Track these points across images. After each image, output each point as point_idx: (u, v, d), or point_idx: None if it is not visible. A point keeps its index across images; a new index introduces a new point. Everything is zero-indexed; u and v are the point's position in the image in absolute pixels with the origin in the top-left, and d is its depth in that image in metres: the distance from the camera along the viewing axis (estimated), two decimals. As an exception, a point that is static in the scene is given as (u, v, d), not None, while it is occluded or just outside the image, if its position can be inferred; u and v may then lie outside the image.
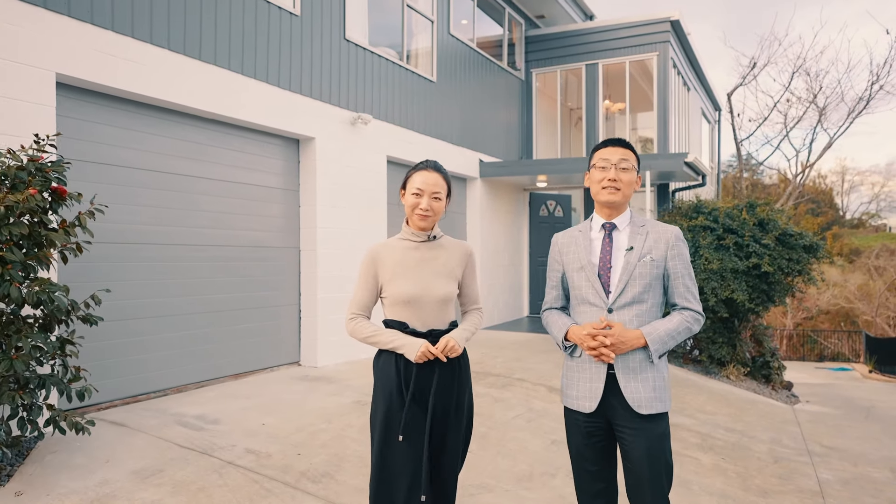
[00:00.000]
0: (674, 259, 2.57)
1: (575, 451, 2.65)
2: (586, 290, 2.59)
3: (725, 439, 5.96)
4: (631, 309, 2.52)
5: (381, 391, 2.71)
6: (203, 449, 4.45)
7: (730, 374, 9.06)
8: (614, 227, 2.62)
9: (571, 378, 2.64)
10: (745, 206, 9.08)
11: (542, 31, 12.63)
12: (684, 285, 2.59)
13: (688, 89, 13.92)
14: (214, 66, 5.97)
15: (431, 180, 2.74)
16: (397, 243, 2.81)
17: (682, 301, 2.59)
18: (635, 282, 2.53)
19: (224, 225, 6.35)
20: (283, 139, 7.08)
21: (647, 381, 2.48)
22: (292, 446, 4.64)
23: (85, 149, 5.12)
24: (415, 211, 2.73)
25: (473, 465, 4.59)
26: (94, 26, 4.94)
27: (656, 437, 2.48)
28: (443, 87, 9.83)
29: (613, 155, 2.57)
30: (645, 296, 2.52)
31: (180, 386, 5.88)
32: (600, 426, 2.57)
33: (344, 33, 7.61)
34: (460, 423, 2.79)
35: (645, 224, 2.63)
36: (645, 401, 2.46)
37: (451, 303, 2.81)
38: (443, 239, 2.87)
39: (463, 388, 2.79)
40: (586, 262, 2.60)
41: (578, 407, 2.58)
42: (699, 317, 2.57)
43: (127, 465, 4.09)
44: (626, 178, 2.57)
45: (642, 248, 2.55)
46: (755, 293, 8.60)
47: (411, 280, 2.72)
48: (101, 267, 5.24)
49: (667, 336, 2.48)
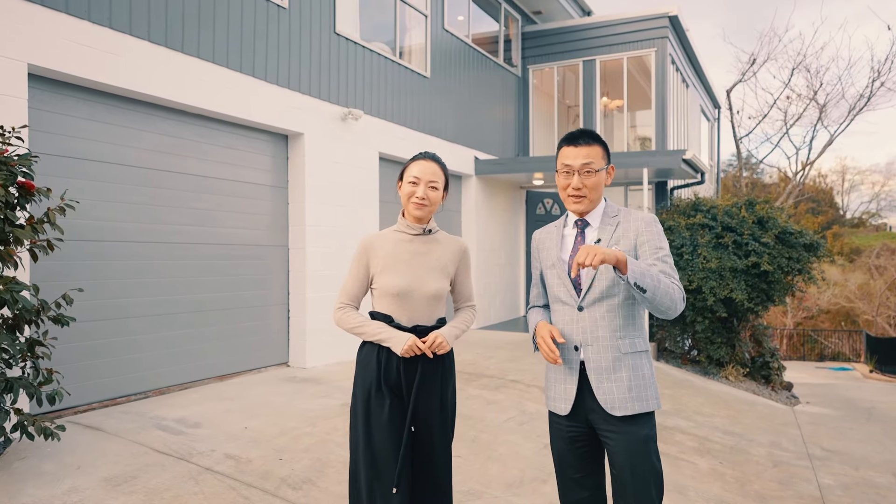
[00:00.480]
0: (643, 246, 2.37)
1: (557, 457, 2.52)
2: (558, 288, 2.48)
3: (723, 442, 5.80)
4: (601, 304, 2.37)
5: (361, 383, 2.64)
6: (181, 454, 4.29)
7: (729, 375, 8.91)
8: (587, 224, 2.49)
9: (549, 378, 2.54)
10: (745, 204, 8.92)
11: (539, 26, 12.46)
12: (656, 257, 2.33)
13: (686, 86, 13.76)
14: (199, 60, 5.80)
15: (429, 169, 2.68)
16: (391, 235, 2.74)
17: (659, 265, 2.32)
18: (602, 275, 2.37)
19: (209, 222, 6.18)
20: (272, 135, 6.91)
21: (621, 380, 2.33)
22: (274, 451, 4.48)
23: (61, 143, 4.95)
24: (410, 200, 2.66)
25: (462, 469, 4.44)
26: (69, 16, 4.77)
27: (639, 440, 2.32)
28: (437, 82, 9.66)
29: (576, 159, 2.40)
30: (615, 289, 2.36)
31: (162, 388, 5.71)
32: (582, 430, 2.43)
33: (334, 27, 7.45)
34: (445, 421, 2.72)
35: (618, 214, 2.48)
36: (619, 402, 2.32)
37: (442, 300, 2.73)
38: (438, 234, 2.80)
39: (446, 385, 2.72)
40: (556, 260, 2.49)
41: (555, 409, 2.48)
42: (683, 293, 2.31)
43: (99, 472, 3.93)
44: (591, 183, 2.41)
45: (610, 239, 2.41)
46: (754, 292, 8.44)
47: (402, 273, 2.65)
48: (78, 265, 5.07)
49: (647, 271, 2.17)
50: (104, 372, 5.27)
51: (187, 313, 5.97)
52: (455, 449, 4.88)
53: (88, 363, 5.15)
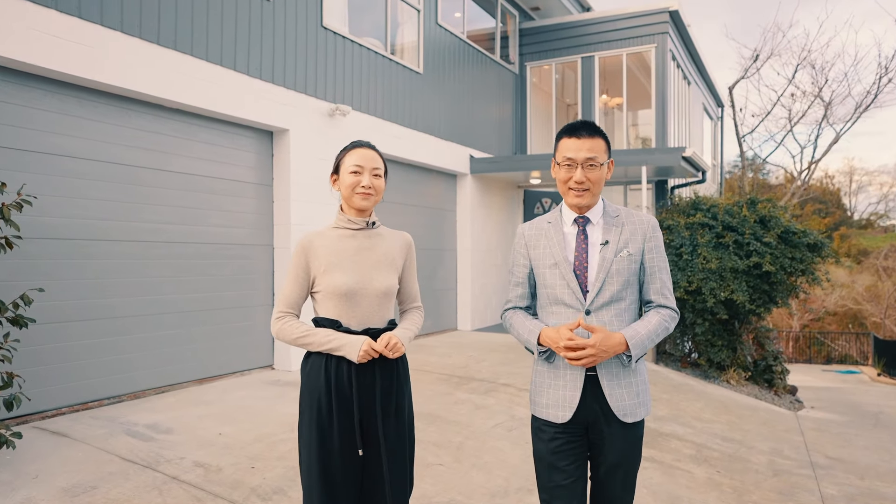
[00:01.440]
0: (651, 252, 2.35)
1: (545, 465, 2.35)
2: (561, 289, 2.32)
3: (722, 450, 5.56)
4: (610, 309, 2.29)
5: (309, 401, 2.39)
6: (147, 462, 4.09)
7: (730, 379, 8.67)
8: (588, 221, 2.36)
9: (542, 384, 2.38)
10: (746, 203, 8.68)
11: (537, 22, 12.24)
12: (661, 280, 2.37)
13: (688, 83, 13.51)
14: (176, 52, 5.61)
15: (369, 156, 2.49)
16: (332, 232, 2.52)
17: (659, 298, 2.36)
18: (613, 279, 2.29)
19: (190, 221, 5.99)
20: (256, 131, 6.72)
21: (630, 386, 2.29)
22: (248, 459, 4.27)
23: (27, 137, 4.76)
24: (355, 190, 2.45)
25: (444, 478, 4.23)
26: (36, 6, 4.58)
27: (634, 440, 2.34)
28: (430, 79, 9.45)
29: (578, 152, 2.29)
30: (623, 293, 2.30)
31: (137, 392, 5.52)
32: (575, 436, 2.32)
33: (321, 20, 7.25)
34: (403, 432, 2.50)
35: (620, 214, 2.38)
36: (630, 408, 2.28)
37: (392, 298, 2.51)
38: (381, 228, 2.60)
39: (403, 392, 2.52)
40: (561, 259, 2.33)
41: (550, 417, 2.32)
42: (675, 315, 2.38)
43: (57, 482, 3.73)
44: (594, 177, 2.30)
45: (618, 241, 2.32)
46: (756, 294, 8.20)
47: (349, 271, 2.43)
48: (47, 264, 4.88)
49: (647, 340, 2.26)
50: (76, 375, 5.07)
51: (166, 314, 5.77)
52: (438, 456, 4.67)
53: (59, 366, 4.96)
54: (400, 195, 8.96)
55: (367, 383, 2.39)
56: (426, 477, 4.29)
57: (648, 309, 2.38)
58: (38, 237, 4.82)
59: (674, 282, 8.40)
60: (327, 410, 2.35)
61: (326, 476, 2.34)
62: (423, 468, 4.43)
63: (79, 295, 5.09)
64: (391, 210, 8.74)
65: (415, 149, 8.93)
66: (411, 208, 9.27)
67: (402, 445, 2.48)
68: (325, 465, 2.34)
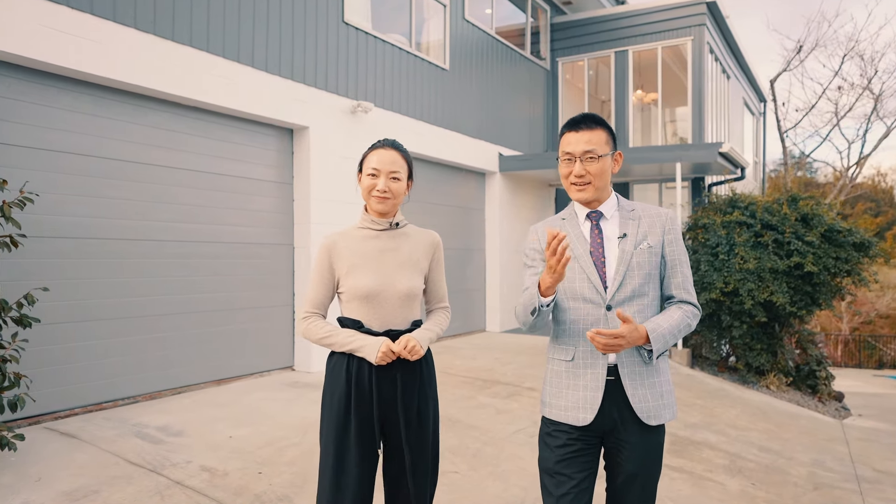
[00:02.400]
0: (671, 244, 2.27)
1: (554, 472, 2.22)
2: (580, 283, 2.23)
3: (758, 461, 5.24)
4: (632, 304, 2.20)
5: (329, 400, 2.40)
6: (153, 466, 4.00)
7: (770, 384, 8.26)
8: (601, 216, 2.29)
9: (559, 384, 2.26)
10: (787, 200, 8.26)
11: (569, 17, 11.96)
12: (682, 275, 2.28)
13: (727, 77, 13.04)
14: (191, 48, 5.55)
15: (388, 158, 2.44)
16: (356, 232, 2.50)
17: (681, 293, 2.27)
18: (634, 272, 2.20)
19: (206, 219, 5.93)
20: (275, 129, 6.63)
21: (654, 386, 2.19)
22: (256, 463, 4.16)
23: (37, 135, 4.73)
24: (371, 193, 2.43)
25: (457, 487, 4.05)
26: (46, 2, 4.55)
27: (656, 447, 2.21)
28: (457, 75, 9.27)
29: (577, 146, 2.23)
30: (646, 288, 2.22)
31: (153, 392, 5.47)
32: (589, 444, 2.21)
33: (342, 16, 7.13)
34: (425, 440, 2.42)
35: (635, 208, 2.32)
36: (654, 409, 2.17)
37: (416, 300, 2.47)
38: (407, 227, 2.56)
39: (426, 397, 2.45)
40: (581, 253, 2.25)
41: (569, 419, 2.21)
42: (697, 312, 2.28)
43: (60, 485, 3.66)
44: (594, 170, 2.23)
45: (637, 234, 2.25)
46: (797, 295, 7.79)
47: (371, 273, 2.41)
48: (60, 263, 4.85)
49: (669, 335, 2.15)
50: (91, 375, 5.04)
51: (183, 314, 5.72)
52: (454, 463, 4.48)
53: (74, 366, 4.93)
54: (425, 194, 8.80)
55: (387, 386, 2.36)
56: (439, 485, 4.09)
57: (670, 304, 2.29)
58: (52, 236, 4.80)
59: (709, 282, 8.05)
60: (345, 410, 2.35)
61: (339, 477, 2.31)
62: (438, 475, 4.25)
63: (94, 294, 5.06)
64: (416, 209, 8.59)
65: (441, 146, 8.76)
66: (437, 207, 9.10)
67: (422, 454, 2.41)
68: (339, 465, 2.32)
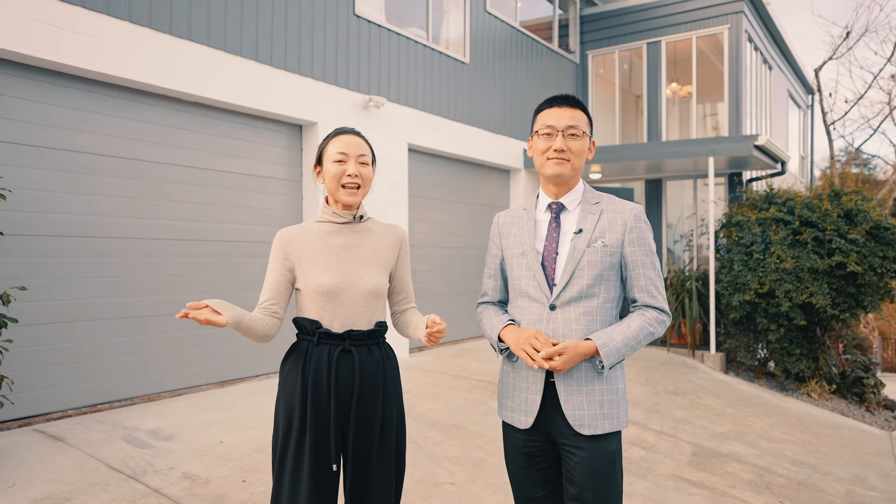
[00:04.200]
0: (632, 244, 2.11)
1: (515, 476, 2.22)
2: (526, 280, 2.15)
3: (790, 476, 4.83)
4: (578, 305, 2.07)
5: (283, 410, 2.21)
6: (134, 472, 3.85)
7: (811, 392, 7.74)
8: (562, 208, 2.18)
9: (507, 385, 2.21)
10: (828, 196, 7.73)
11: (600, 8, 11.54)
12: (646, 277, 2.11)
13: (769, 68, 12.41)
14: (190, 42, 5.41)
15: (355, 142, 2.29)
16: (315, 227, 2.33)
17: (644, 297, 2.11)
18: (583, 272, 2.07)
19: (209, 217, 5.79)
20: (284, 125, 6.47)
21: (592, 394, 2.05)
22: (241, 471, 3.97)
23: (29, 132, 4.64)
24: (341, 181, 2.25)
25: (452, 499, 3.81)
26: (37, -4, 4.46)
27: (606, 457, 2.05)
28: (478, 69, 8.99)
29: (559, 119, 2.13)
30: (595, 289, 2.08)
31: (152, 394, 5.35)
32: (542, 445, 2.14)
33: (353, 8, 6.93)
34: (387, 452, 2.27)
35: (600, 201, 2.18)
36: (589, 419, 2.03)
37: (381, 299, 2.31)
38: (370, 221, 2.41)
39: (391, 404, 2.29)
40: (528, 248, 2.15)
41: (513, 421, 2.16)
42: (664, 317, 2.11)
43: (32, 492, 3.53)
44: (575, 147, 2.12)
45: (593, 230, 2.11)
46: (840, 297, 7.26)
47: (332, 268, 2.24)
48: (55, 262, 4.77)
49: (624, 346, 2.02)
50: (85, 376, 4.94)
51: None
52: (452, 473, 4.22)
53: (67, 367, 4.84)
54: (443, 191, 8.54)
55: (345, 394, 2.19)
56: (432, 497, 3.86)
57: (634, 310, 2.15)
58: (48, 234, 4.72)
59: (743, 283, 7.58)
60: (300, 423, 2.16)
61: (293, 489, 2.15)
62: (432, 487, 4.00)
63: (91, 294, 4.96)
64: (433, 207, 8.34)
65: (461, 142, 8.49)
66: (457, 205, 8.83)
67: (382, 468, 2.25)
68: (293, 478, 2.15)
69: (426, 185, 8.23)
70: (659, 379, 7.30)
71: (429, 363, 7.43)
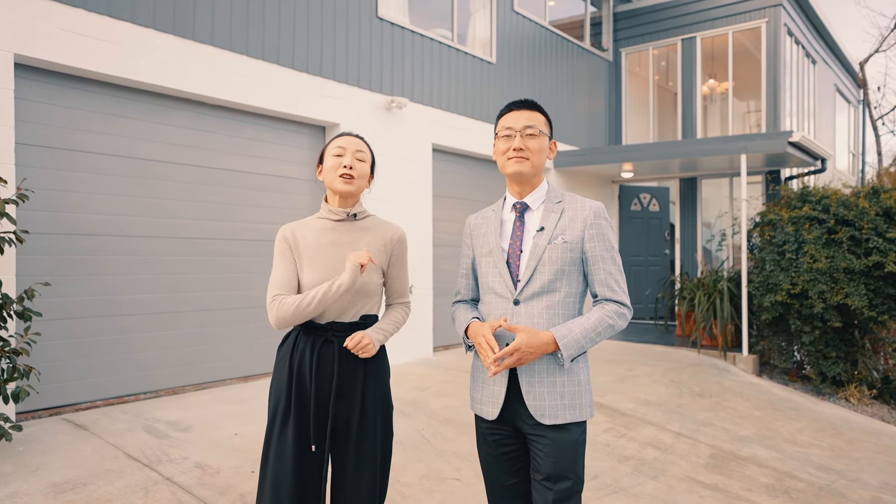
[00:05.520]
0: (592, 240, 2.19)
1: (486, 465, 2.33)
2: (493, 277, 2.26)
3: (812, 481, 4.69)
4: (541, 300, 2.16)
5: (274, 388, 2.37)
6: (150, 460, 4.01)
7: (850, 397, 7.46)
8: (526, 208, 2.28)
9: (476, 378, 2.32)
10: (866, 193, 7.45)
11: (634, 5, 11.39)
12: (605, 271, 2.19)
13: (812, 62, 12.03)
14: (213, 48, 5.60)
15: (354, 141, 2.42)
16: (314, 223, 2.45)
17: (604, 291, 2.20)
18: (544, 268, 2.16)
19: (235, 217, 5.97)
20: (307, 126, 6.61)
21: (554, 385, 2.14)
22: (251, 462, 4.09)
23: (59, 135, 4.88)
24: (337, 172, 2.35)
25: (454, 495, 3.85)
26: (63, 4, 4.68)
27: (568, 446, 2.13)
28: (505, 69, 8.99)
29: (517, 121, 2.25)
30: (556, 284, 2.17)
31: (176, 388, 5.55)
32: (509, 434, 2.24)
33: (376, 11, 7.03)
34: (367, 437, 2.34)
35: (562, 200, 2.27)
36: (550, 409, 2.12)
37: (370, 296, 2.40)
38: (367, 220, 2.49)
39: (372, 393, 2.36)
40: (494, 246, 2.27)
41: (481, 413, 2.27)
42: (625, 311, 2.19)
43: (52, 476, 3.72)
44: (533, 146, 2.23)
45: (554, 227, 2.21)
46: (878, 298, 6.99)
47: (322, 265, 2.34)
48: (83, 260, 5.00)
49: (583, 338, 2.11)
50: (114, 369, 5.17)
51: (211, 311, 5.78)
52: (458, 470, 4.25)
53: (98, 359, 5.07)
54: (469, 190, 8.57)
55: (327, 381, 2.30)
56: (435, 492, 3.90)
57: (595, 304, 2.22)
58: (74, 233, 4.95)
59: (775, 283, 7.37)
60: (286, 404, 2.30)
61: (279, 474, 2.26)
62: (437, 482, 4.04)
63: (116, 290, 5.18)
64: (458, 206, 8.38)
65: (487, 142, 8.51)
66: (482, 205, 8.84)
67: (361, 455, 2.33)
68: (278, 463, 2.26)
69: (451, 184, 8.28)
70: (685, 380, 7.16)
71: (453, 362, 7.48)
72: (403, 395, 5.82)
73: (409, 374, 6.79)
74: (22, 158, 4.57)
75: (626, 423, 5.55)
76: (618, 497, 4.06)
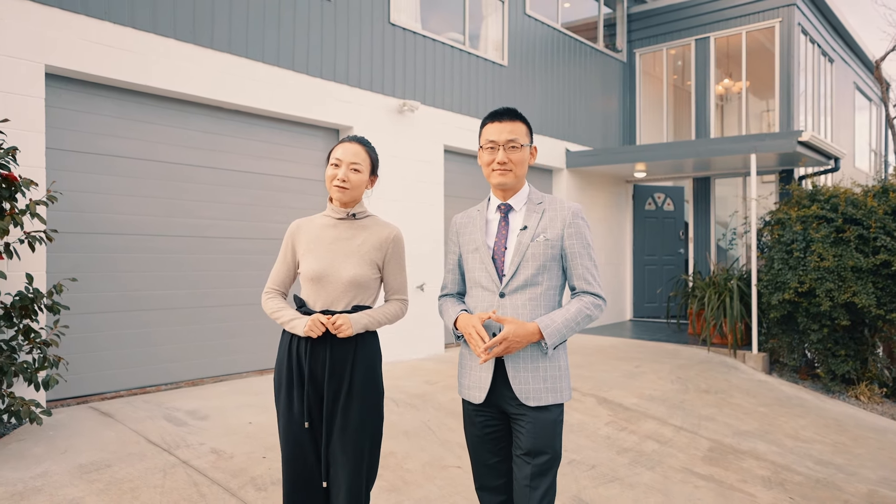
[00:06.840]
0: (570, 238, 2.41)
1: (472, 445, 2.54)
2: (479, 272, 2.45)
3: (808, 474, 4.79)
4: (524, 293, 2.37)
5: (276, 376, 2.66)
6: (168, 445, 4.27)
7: (860, 395, 7.50)
8: (510, 209, 2.49)
9: (464, 366, 2.52)
10: (875, 192, 7.48)
11: (648, 5, 11.47)
12: (583, 266, 2.41)
13: (830, 61, 11.99)
14: (230, 55, 5.86)
15: (351, 151, 2.63)
16: (319, 219, 2.73)
17: (582, 284, 2.42)
18: (528, 263, 2.38)
19: (251, 217, 6.23)
20: (321, 129, 6.86)
21: (537, 371, 2.35)
22: (264, 448, 4.33)
23: (87, 140, 5.17)
24: (332, 183, 2.62)
25: (454, 482, 4.03)
26: (89, 17, 4.97)
27: (547, 424, 2.35)
28: (517, 71, 9.15)
29: (500, 134, 2.43)
30: (539, 278, 2.38)
31: (195, 379, 5.82)
32: (494, 416, 2.45)
33: (388, 17, 7.26)
34: (352, 416, 2.54)
35: (543, 201, 2.49)
36: (534, 392, 2.33)
37: (363, 288, 2.62)
38: (367, 219, 2.73)
39: (360, 372, 2.58)
40: (481, 244, 2.47)
41: (469, 397, 2.47)
42: (599, 301, 2.41)
43: (79, 458, 3.99)
44: (516, 158, 2.43)
45: (536, 227, 2.42)
46: (886, 297, 7.03)
47: (320, 258, 2.61)
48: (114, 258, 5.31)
49: (564, 328, 2.32)
50: (138, 361, 5.45)
51: (230, 306, 6.05)
52: (460, 458, 4.44)
53: (123, 351, 5.36)
54: (479, 191, 8.75)
55: (317, 364, 2.53)
56: (436, 479, 4.10)
57: (573, 296, 2.42)
58: (101, 232, 5.24)
59: (783, 282, 7.44)
60: (287, 386, 2.57)
61: (287, 449, 2.56)
62: (438, 469, 4.24)
63: (140, 286, 5.47)
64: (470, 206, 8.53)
65: (499, 143, 8.68)
66: (497, 205, 9.02)
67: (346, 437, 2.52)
68: (285, 439, 2.56)
69: (463, 185, 8.47)
70: (692, 377, 7.26)
71: (464, 358, 7.66)
72: (413, 389, 6.03)
73: (420, 368, 7.00)
74: (51, 162, 4.87)
75: (629, 417, 5.69)
76: (613, 486, 4.21)
